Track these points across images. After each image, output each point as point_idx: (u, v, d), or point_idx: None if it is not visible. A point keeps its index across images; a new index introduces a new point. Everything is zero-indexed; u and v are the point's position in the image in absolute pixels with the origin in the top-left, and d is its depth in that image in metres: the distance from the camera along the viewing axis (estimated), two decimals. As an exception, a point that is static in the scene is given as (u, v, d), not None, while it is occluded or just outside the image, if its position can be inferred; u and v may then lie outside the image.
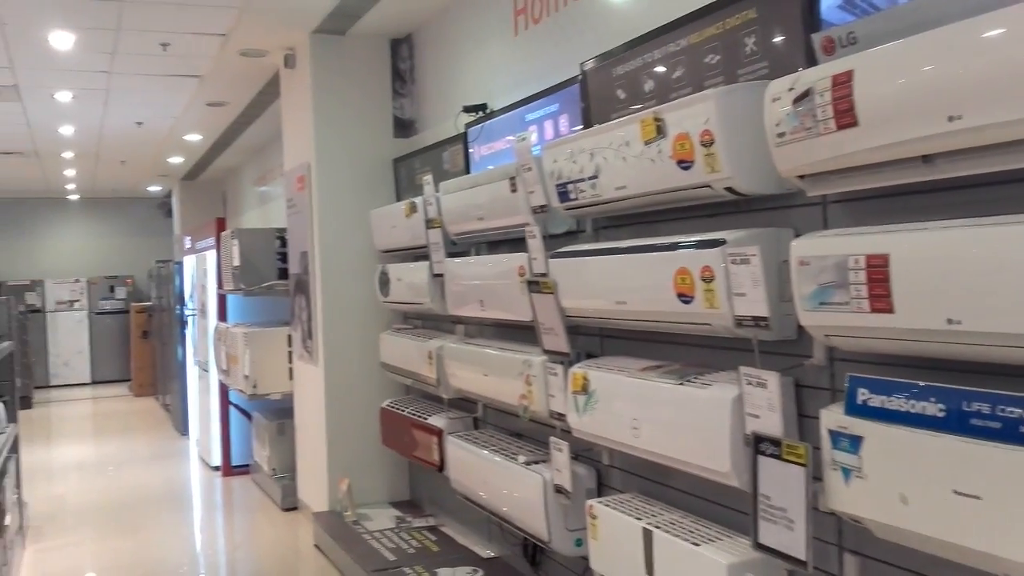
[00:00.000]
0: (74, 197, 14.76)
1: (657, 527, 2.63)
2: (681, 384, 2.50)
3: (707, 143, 2.34)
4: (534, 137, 3.39)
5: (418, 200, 4.54)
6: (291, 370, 6.29)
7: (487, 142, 4.30)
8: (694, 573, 2.45)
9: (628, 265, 2.69)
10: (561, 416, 3.15)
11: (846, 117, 1.93)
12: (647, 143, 2.55)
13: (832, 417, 2.03)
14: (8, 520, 4.66)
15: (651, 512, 2.79)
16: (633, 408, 2.66)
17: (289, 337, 6.27)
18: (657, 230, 2.90)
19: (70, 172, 11.89)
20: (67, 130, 8.81)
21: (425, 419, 4.53)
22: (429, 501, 5.36)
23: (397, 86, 5.67)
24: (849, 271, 1.94)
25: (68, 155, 10.40)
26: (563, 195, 3.04)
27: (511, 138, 3.96)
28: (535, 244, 3.24)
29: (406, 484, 5.64)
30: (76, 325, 14.34)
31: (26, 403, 11.50)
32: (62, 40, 5.67)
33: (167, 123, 8.59)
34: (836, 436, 2.00)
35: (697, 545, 2.47)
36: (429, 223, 4.39)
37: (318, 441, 5.62)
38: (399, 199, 5.35)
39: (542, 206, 3.23)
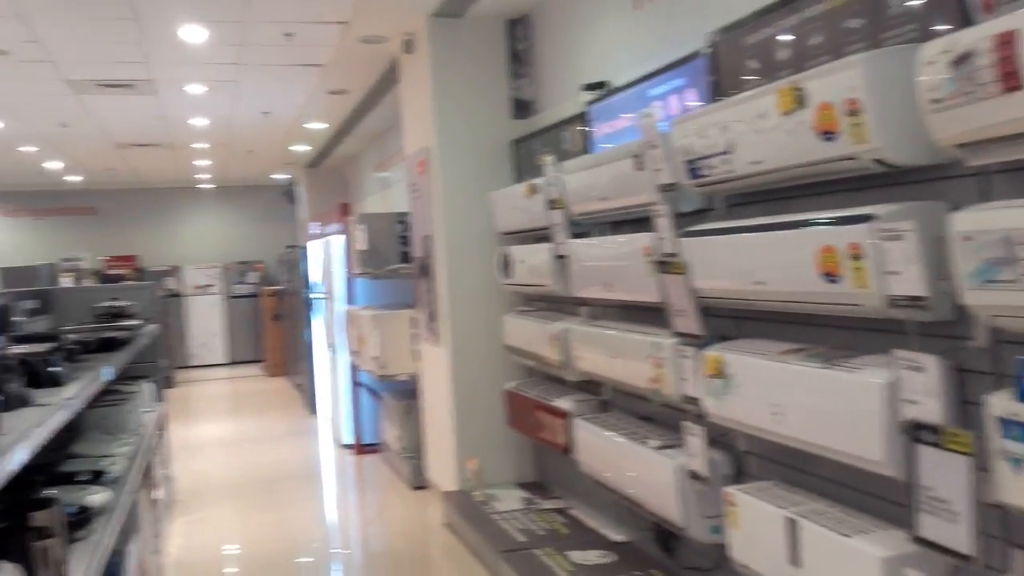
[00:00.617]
0: (207, 186, 15.48)
1: (802, 516, 2.53)
2: (828, 368, 2.38)
3: (853, 112, 2.20)
4: (659, 113, 3.29)
5: (539, 181, 4.51)
6: (417, 352, 6.40)
7: (608, 120, 4.22)
8: (845, 566, 2.34)
9: (767, 243, 2.57)
10: (694, 400, 3.06)
11: (1012, 80, 1.77)
12: (785, 114, 2.43)
13: (1001, 404, 1.88)
14: (159, 494, 4.93)
15: (794, 501, 2.68)
16: (775, 393, 2.56)
17: (414, 319, 6.38)
18: (794, 206, 2.77)
19: (202, 162, 12.44)
20: (199, 122, 9.20)
21: (551, 401, 4.52)
22: (556, 483, 5.36)
23: (515, 67, 5.64)
24: (1017, 246, 1.79)
25: (200, 146, 10.87)
26: (693, 172, 2.95)
27: (634, 115, 3.87)
28: (663, 223, 3.16)
29: (532, 465, 5.66)
30: (212, 308, 15.07)
31: (168, 383, 12.18)
32: (193, 34, 5.89)
33: (292, 112, 8.85)
34: (1007, 424, 1.85)
35: (848, 536, 2.36)
36: (551, 204, 4.35)
37: (445, 422, 5.71)
38: (518, 181, 5.33)
39: (670, 184, 3.14)
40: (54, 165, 11.86)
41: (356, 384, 7.66)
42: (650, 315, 3.61)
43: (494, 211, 5.26)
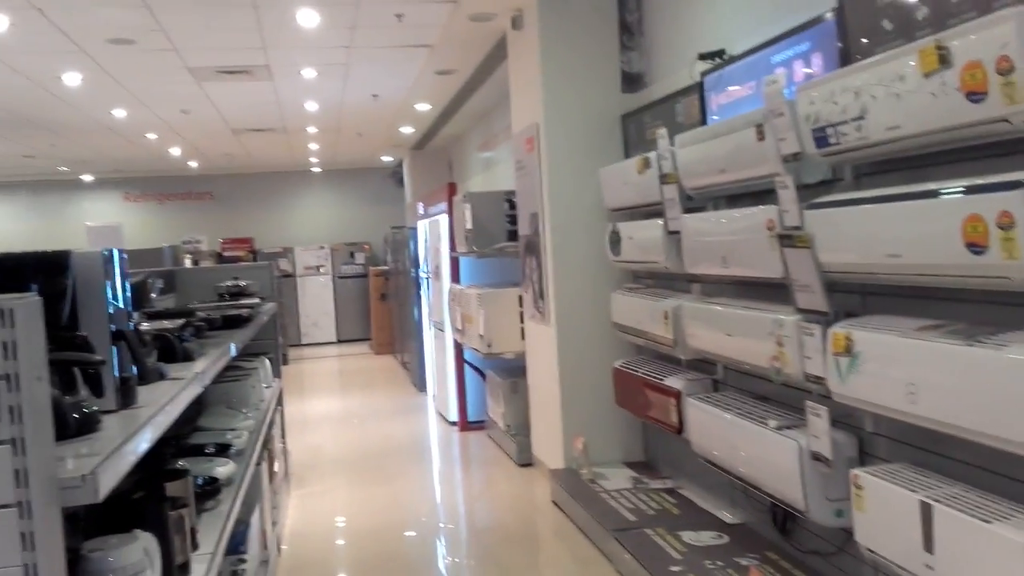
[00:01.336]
0: (317, 169, 15.88)
1: (937, 500, 2.39)
2: (972, 345, 2.23)
3: (1005, 71, 2.04)
4: (784, 80, 3.15)
5: (651, 155, 4.40)
6: (523, 330, 6.40)
7: (725, 90, 4.08)
8: (984, 553, 2.20)
9: (905, 214, 2.42)
10: (819, 379, 2.94)
11: None
12: (927, 75, 2.27)
13: None
14: (277, 467, 5.09)
15: (927, 484, 2.54)
16: (910, 371, 2.42)
17: (520, 298, 6.37)
18: (930, 174, 2.61)
19: (314, 146, 12.75)
20: (312, 106, 9.41)
21: (661, 380, 4.44)
22: (665, 463, 5.27)
23: (624, 39, 5.52)
24: None
25: (312, 130, 11.13)
26: (821, 140, 2.81)
27: (754, 84, 3.72)
28: (787, 195, 3.03)
29: (641, 445, 5.59)
30: (322, 289, 15.48)
31: (283, 360, 12.59)
32: (308, 18, 6.00)
33: (400, 94, 8.95)
34: None
35: (988, 522, 2.22)
36: (663, 178, 4.25)
37: (552, 400, 5.69)
38: (627, 156, 5.23)
39: (795, 153, 3.01)
40: (176, 151, 12.37)
41: (462, 362, 7.72)
42: (768, 291, 3.48)
43: (603, 187, 5.18)
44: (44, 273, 1.60)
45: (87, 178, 15.12)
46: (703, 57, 4.22)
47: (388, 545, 4.98)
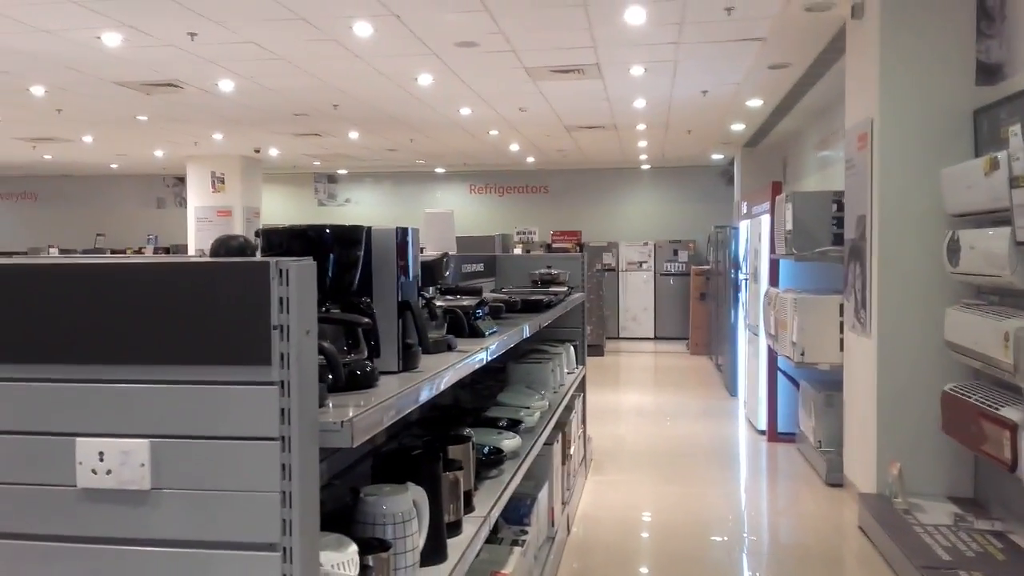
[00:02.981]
0: (645, 167, 16.07)
1: None
2: None
3: None
4: None
5: (1000, 155, 3.89)
6: (842, 341, 5.98)
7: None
8: None
9: None
10: None
11: None
12: None
13: None
14: (574, 450, 5.25)
15: None
16: None
17: (841, 306, 5.96)
18: None
19: (643, 143, 12.91)
20: (640, 103, 9.54)
21: (996, 410, 3.91)
22: (996, 502, 4.65)
23: (983, 26, 4.92)
24: None
25: (641, 127, 11.28)
26: None
27: None
28: None
29: (969, 479, 4.98)
30: (643, 284, 15.65)
31: (599, 351, 12.93)
32: (635, 15, 6.09)
33: (730, 90, 8.77)
34: None
35: None
36: (1013, 181, 3.73)
37: (868, 418, 5.26)
38: (977, 155, 4.67)
39: None
40: (515, 147, 13.20)
41: (775, 369, 7.40)
42: None
43: (944, 189, 4.67)
44: (342, 245, 1.80)
45: (439, 170, 16.66)
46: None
47: (683, 545, 4.93)
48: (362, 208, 17.13)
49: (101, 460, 1.31)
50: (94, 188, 17.75)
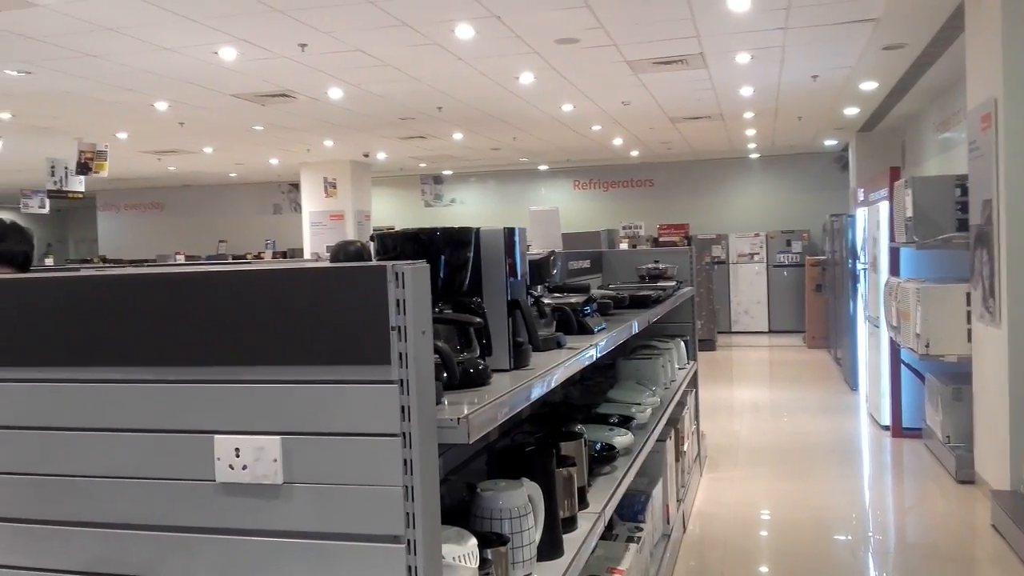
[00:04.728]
0: (754, 156, 15.69)
1: None
2: None
3: None
4: None
5: None
6: (969, 331, 5.70)
7: None
8: None
9: None
10: None
11: None
12: None
13: None
14: (687, 447, 5.19)
15: None
16: None
17: (968, 295, 5.68)
18: None
19: (751, 131, 12.61)
20: (747, 91, 9.32)
21: None
22: None
23: (1118, -9, 4.61)
24: None
25: (749, 115, 11.02)
26: None
27: None
28: None
29: (1115, 476, 4.67)
30: (755, 277, 15.27)
31: (710, 346, 12.70)
32: (739, 2, 5.96)
33: (841, 73, 8.47)
34: None
35: None
36: None
37: (1000, 412, 5.00)
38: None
39: None
40: (618, 141, 13.11)
41: (898, 362, 7.11)
42: None
43: (1077, 169, 4.40)
44: (452, 246, 1.85)
45: (542, 167, 16.70)
46: None
47: (805, 544, 4.81)
48: (468, 208, 17.36)
49: (237, 456, 1.39)
50: (215, 196, 18.60)
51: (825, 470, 6.33)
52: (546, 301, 2.53)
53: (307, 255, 14.43)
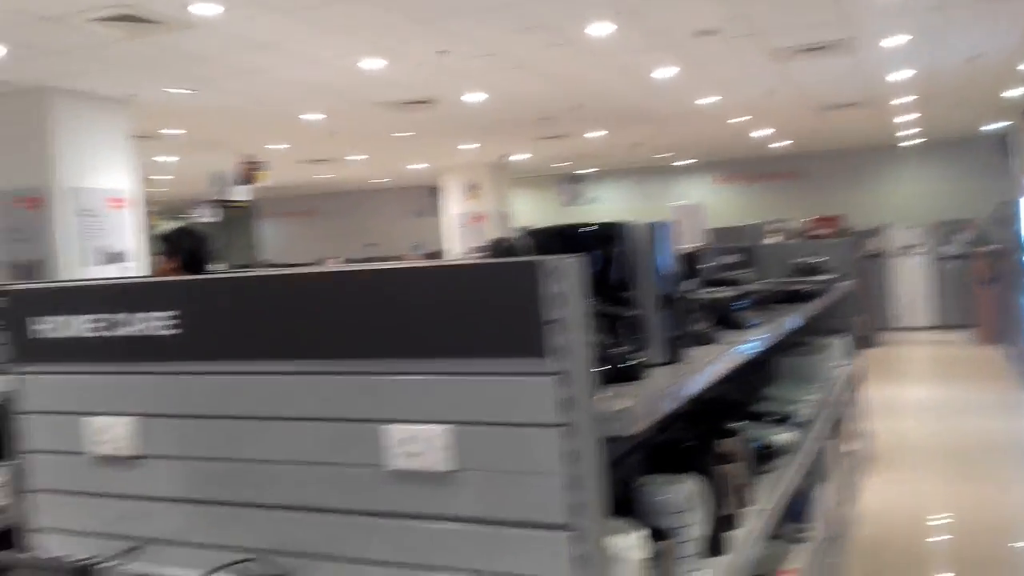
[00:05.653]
0: (910, 143, 14.85)
1: None
2: None
3: None
4: None
5: None
6: None
7: None
8: None
9: None
10: None
11: None
12: None
13: None
14: (852, 446, 4.95)
15: None
16: None
17: None
18: None
19: (904, 118, 11.96)
20: (897, 76, 8.85)
21: None
22: None
23: None
24: None
25: (900, 101, 10.46)
26: None
27: None
28: None
29: None
30: (917, 269, 14.45)
31: (870, 342, 12.10)
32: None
33: (1002, 54, 7.91)
34: None
35: None
36: None
37: None
38: None
39: None
40: (761, 133, 12.71)
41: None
42: None
43: None
44: (601, 241, 1.84)
45: (681, 163, 16.40)
46: None
47: (982, 550, 4.51)
48: (606, 206, 17.28)
49: (406, 444, 1.44)
50: (361, 202, 19.31)
51: (1002, 473, 5.91)
52: (698, 296, 2.47)
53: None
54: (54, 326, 1.78)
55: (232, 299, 1.61)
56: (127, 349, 1.69)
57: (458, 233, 15.16)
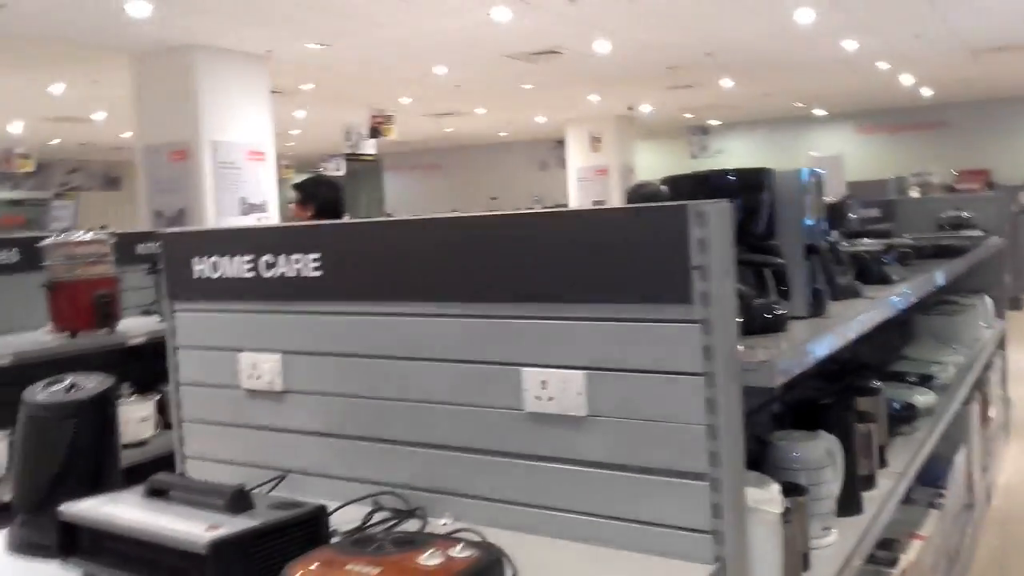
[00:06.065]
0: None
1: None
2: None
3: None
4: None
5: None
6: None
7: None
8: None
9: None
10: None
11: None
12: None
13: None
14: (994, 413, 4.70)
15: None
16: None
17: None
18: None
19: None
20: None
21: None
22: None
23: None
24: None
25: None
26: None
27: None
28: None
29: None
30: (1073, 227, 13.40)
31: (1017, 304, 11.36)
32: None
33: None
34: None
35: None
36: None
37: None
38: None
39: None
40: (906, 80, 11.98)
41: None
42: None
43: None
44: (746, 189, 1.79)
45: (819, 112, 15.66)
46: None
47: None
48: (735, 159, 16.73)
49: (544, 388, 1.45)
50: (485, 156, 19.39)
51: None
52: (843, 247, 2.37)
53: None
54: (209, 267, 1.87)
55: (380, 244, 1.64)
56: (276, 290, 1.77)
57: (577, 187, 15.05)
